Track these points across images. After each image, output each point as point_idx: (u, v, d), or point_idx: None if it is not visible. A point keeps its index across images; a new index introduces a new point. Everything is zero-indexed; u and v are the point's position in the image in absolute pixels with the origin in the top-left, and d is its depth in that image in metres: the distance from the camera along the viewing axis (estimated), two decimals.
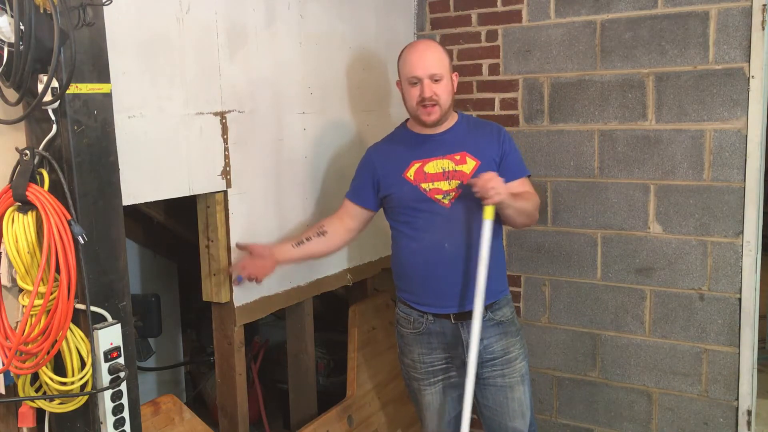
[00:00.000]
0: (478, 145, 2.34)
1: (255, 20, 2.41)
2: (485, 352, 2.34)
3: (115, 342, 1.74)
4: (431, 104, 2.28)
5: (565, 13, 2.96)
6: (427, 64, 2.27)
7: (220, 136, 2.29)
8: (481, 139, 2.36)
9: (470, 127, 2.41)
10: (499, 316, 2.37)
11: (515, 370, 2.37)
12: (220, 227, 2.32)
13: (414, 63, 2.29)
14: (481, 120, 2.51)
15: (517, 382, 2.38)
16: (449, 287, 2.32)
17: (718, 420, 2.83)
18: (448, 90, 2.30)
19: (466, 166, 2.31)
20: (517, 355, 2.38)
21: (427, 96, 2.26)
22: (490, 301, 2.32)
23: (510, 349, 2.37)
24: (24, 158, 1.65)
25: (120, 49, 1.88)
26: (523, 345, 2.43)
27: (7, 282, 1.72)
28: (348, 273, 2.96)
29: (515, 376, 2.37)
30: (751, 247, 2.71)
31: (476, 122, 2.46)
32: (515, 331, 2.41)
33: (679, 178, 2.81)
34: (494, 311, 2.36)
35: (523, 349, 2.42)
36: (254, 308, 2.46)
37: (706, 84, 2.72)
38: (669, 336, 2.90)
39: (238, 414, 2.43)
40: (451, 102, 2.33)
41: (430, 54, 2.29)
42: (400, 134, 2.47)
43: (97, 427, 1.74)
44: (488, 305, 2.31)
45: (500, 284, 2.40)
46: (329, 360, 3.44)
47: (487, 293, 2.23)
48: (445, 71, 2.29)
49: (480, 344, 2.27)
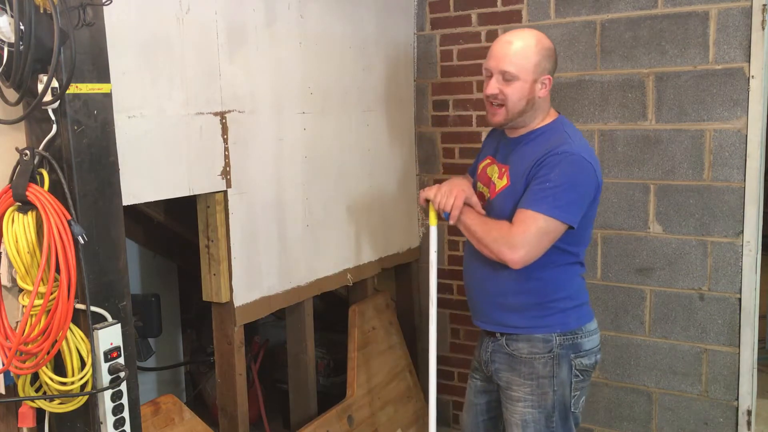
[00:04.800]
0: (521, 162, 2.06)
1: (255, 20, 2.41)
2: (495, 375, 2.18)
3: (115, 342, 1.74)
4: (497, 104, 2.04)
5: (565, 13, 2.96)
6: (502, 59, 2.01)
7: (220, 136, 2.29)
8: (525, 156, 2.05)
9: (541, 140, 2.06)
10: (512, 348, 2.11)
11: (516, 411, 2.12)
12: (220, 227, 2.32)
13: (491, 53, 2.04)
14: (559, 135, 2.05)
15: (516, 424, 2.12)
16: (476, 301, 2.21)
17: (718, 420, 2.83)
18: (520, 93, 2.01)
19: (500, 182, 2.10)
20: (521, 398, 2.11)
21: (489, 93, 2.03)
22: (505, 331, 2.12)
23: (513, 387, 2.12)
24: (24, 158, 1.65)
25: (120, 49, 1.87)
26: (536, 394, 2.09)
27: (7, 282, 1.73)
28: (348, 273, 2.96)
29: (515, 416, 2.13)
30: (751, 247, 2.71)
31: (550, 137, 2.06)
32: (528, 374, 2.09)
33: (679, 178, 2.81)
34: (508, 340, 2.12)
35: (536, 399, 2.09)
36: (254, 308, 2.46)
37: (706, 84, 2.72)
38: (669, 336, 2.90)
39: (238, 414, 2.43)
40: (524, 107, 2.03)
41: (514, 49, 2.00)
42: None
43: (97, 427, 1.74)
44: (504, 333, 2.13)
45: (518, 320, 2.09)
46: (329, 360, 3.44)
47: (502, 323, 2.12)
48: (522, 72, 1.99)
49: (492, 365, 2.17)
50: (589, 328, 2.13)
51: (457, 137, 3.30)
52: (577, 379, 2.10)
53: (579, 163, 1.98)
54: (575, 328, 2.09)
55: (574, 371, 2.09)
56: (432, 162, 3.39)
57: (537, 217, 1.94)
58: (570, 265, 2.12)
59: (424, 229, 3.46)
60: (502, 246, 1.97)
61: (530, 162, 2.01)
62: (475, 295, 2.22)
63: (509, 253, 1.95)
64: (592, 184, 2.02)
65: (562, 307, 2.09)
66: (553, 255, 2.02)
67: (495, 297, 2.13)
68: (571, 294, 2.12)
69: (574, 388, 2.10)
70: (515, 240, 1.95)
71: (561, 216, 1.95)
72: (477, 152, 2.42)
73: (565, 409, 2.11)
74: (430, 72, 3.33)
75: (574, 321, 2.10)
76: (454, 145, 3.31)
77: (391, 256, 3.25)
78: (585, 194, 2.01)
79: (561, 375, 2.08)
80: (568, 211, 1.95)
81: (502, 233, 1.98)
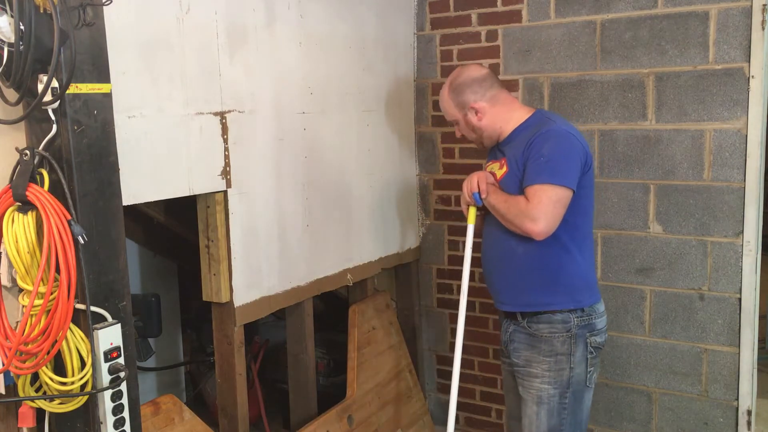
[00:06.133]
0: (514, 151, 2.29)
1: (255, 20, 2.41)
2: (513, 354, 2.36)
3: (115, 342, 1.74)
4: (470, 140, 2.46)
5: (565, 13, 2.96)
6: (443, 112, 2.47)
7: (220, 136, 2.29)
8: (517, 145, 2.29)
9: (526, 132, 2.29)
10: (533, 328, 2.29)
11: (532, 387, 2.29)
12: (220, 227, 2.32)
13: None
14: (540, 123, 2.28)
15: (532, 400, 2.30)
16: (495, 284, 2.40)
17: (718, 420, 2.83)
18: (469, 127, 2.39)
19: (500, 171, 2.32)
20: (538, 374, 2.28)
21: (458, 136, 2.50)
22: (525, 310, 2.30)
23: (533, 364, 2.29)
24: (24, 158, 1.65)
25: (120, 49, 1.88)
26: (554, 371, 2.26)
27: (7, 282, 1.73)
28: (348, 273, 2.96)
29: (531, 393, 2.30)
30: (751, 247, 2.71)
31: (533, 126, 2.29)
32: (547, 352, 2.27)
33: (679, 178, 2.81)
34: (529, 321, 2.29)
35: (553, 375, 2.26)
36: (254, 308, 2.46)
37: (706, 84, 2.71)
38: (669, 336, 2.90)
39: (238, 414, 2.43)
40: (479, 133, 2.39)
41: (441, 104, 2.46)
42: None
43: (97, 427, 1.74)
44: (525, 312, 2.30)
45: (539, 297, 2.27)
46: (329, 360, 3.44)
47: (522, 302, 2.30)
48: (455, 115, 2.41)
49: (511, 345, 2.36)
50: (599, 309, 2.33)
51: (457, 137, 3.30)
52: (592, 356, 2.30)
53: (564, 136, 2.22)
54: (588, 306, 2.28)
55: (589, 348, 2.28)
56: (432, 162, 3.39)
57: (544, 188, 2.15)
58: (575, 242, 2.28)
59: (423, 229, 3.46)
60: (524, 219, 2.16)
61: (522, 147, 2.24)
62: (494, 279, 2.39)
63: (532, 225, 2.14)
64: (580, 152, 2.22)
65: (574, 283, 2.28)
66: (560, 230, 2.19)
67: (512, 277, 2.32)
68: (580, 272, 2.30)
69: (590, 364, 2.29)
70: (533, 213, 2.14)
71: (562, 181, 2.15)
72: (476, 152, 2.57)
73: (578, 386, 2.28)
74: (430, 72, 3.33)
75: (586, 299, 2.29)
76: (454, 145, 3.31)
77: (391, 256, 3.25)
78: (576, 160, 2.21)
79: (577, 353, 2.27)
80: (565, 176, 2.16)
81: (520, 208, 2.17)
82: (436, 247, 3.42)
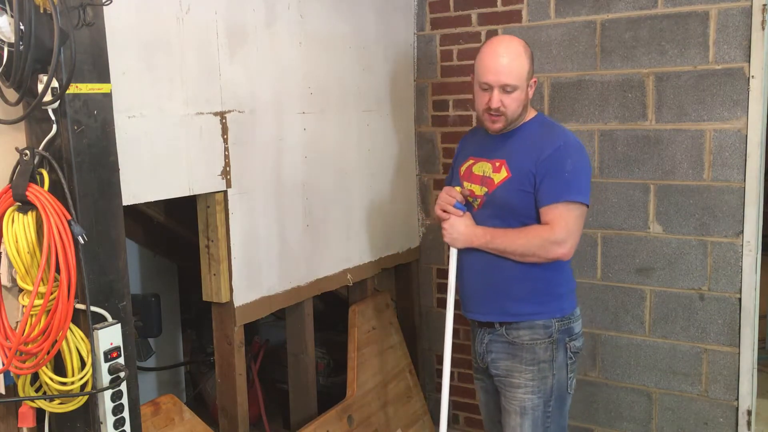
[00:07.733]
0: (519, 155, 2.18)
1: (255, 20, 2.41)
2: (491, 365, 2.28)
3: (115, 342, 1.74)
4: (497, 114, 2.16)
5: (565, 13, 2.96)
6: (501, 73, 2.11)
7: (220, 136, 2.29)
8: (524, 151, 2.18)
9: (531, 134, 2.21)
10: (513, 336, 2.22)
11: (515, 398, 2.22)
12: (220, 227, 2.32)
13: (487, 67, 2.13)
14: (550, 130, 2.22)
15: (515, 411, 2.22)
16: (474, 293, 2.29)
17: (718, 420, 2.83)
18: (519, 101, 2.15)
19: (497, 176, 2.20)
20: (521, 384, 2.21)
21: (494, 107, 2.14)
22: (507, 320, 2.22)
23: (514, 374, 2.22)
24: (24, 158, 1.65)
25: (120, 49, 1.88)
26: (537, 379, 2.20)
27: (7, 282, 1.72)
28: (348, 273, 2.96)
29: (513, 404, 2.22)
30: (751, 247, 2.71)
31: (540, 131, 2.22)
32: (529, 360, 2.20)
33: (679, 178, 2.81)
34: (508, 329, 2.22)
35: (537, 384, 2.20)
36: (254, 308, 2.46)
37: (706, 84, 2.72)
38: (669, 336, 2.90)
39: (238, 414, 2.43)
40: (521, 111, 2.18)
41: (508, 62, 2.11)
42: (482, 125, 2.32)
43: (97, 427, 1.74)
44: (504, 323, 2.23)
45: (525, 307, 2.20)
46: (329, 360, 3.45)
47: (505, 312, 2.21)
48: (521, 81, 2.13)
49: (488, 356, 2.28)
50: (576, 313, 2.29)
51: (457, 137, 3.27)
52: (571, 361, 2.25)
53: (582, 150, 2.20)
54: (569, 312, 2.25)
55: (569, 353, 2.24)
56: (432, 162, 3.39)
57: (570, 207, 2.12)
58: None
59: (423, 229, 3.46)
60: (551, 247, 2.11)
61: (534, 158, 2.14)
62: (473, 288, 2.29)
63: (560, 250, 2.11)
64: (589, 166, 2.23)
65: (561, 292, 2.24)
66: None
67: (500, 286, 2.22)
68: (566, 279, 2.27)
69: (569, 370, 2.24)
70: (560, 236, 2.10)
71: (584, 199, 2.15)
72: None
73: (561, 392, 2.23)
74: (430, 72, 3.33)
75: (568, 306, 2.25)
76: (454, 145, 3.27)
77: (391, 256, 3.25)
78: (590, 174, 2.21)
79: (559, 359, 2.21)
80: (586, 193, 2.16)
81: (544, 237, 2.11)
82: (436, 247, 3.42)
